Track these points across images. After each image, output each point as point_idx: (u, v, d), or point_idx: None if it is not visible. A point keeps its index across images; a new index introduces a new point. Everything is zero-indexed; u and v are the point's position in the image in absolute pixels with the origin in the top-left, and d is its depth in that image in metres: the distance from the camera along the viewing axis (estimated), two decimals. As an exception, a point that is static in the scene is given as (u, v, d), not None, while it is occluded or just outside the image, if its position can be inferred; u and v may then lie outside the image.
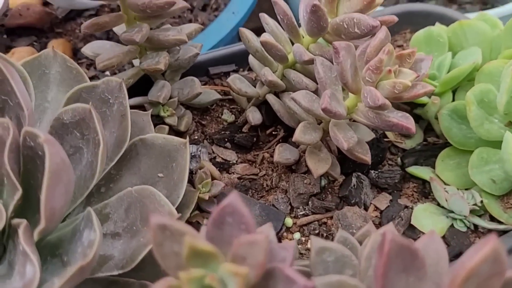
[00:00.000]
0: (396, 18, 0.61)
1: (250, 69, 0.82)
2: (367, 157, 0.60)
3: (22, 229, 0.42)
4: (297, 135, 0.59)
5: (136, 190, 0.53)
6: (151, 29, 0.65)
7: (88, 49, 0.70)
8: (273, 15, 0.65)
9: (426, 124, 0.75)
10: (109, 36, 0.98)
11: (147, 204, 0.52)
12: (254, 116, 0.69)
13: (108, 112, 0.59)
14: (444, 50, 0.74)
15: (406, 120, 0.53)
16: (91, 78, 0.90)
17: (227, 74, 0.81)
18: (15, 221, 0.43)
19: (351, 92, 0.56)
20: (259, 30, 0.67)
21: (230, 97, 0.77)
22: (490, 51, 0.72)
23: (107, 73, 0.90)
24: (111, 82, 0.58)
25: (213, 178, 0.64)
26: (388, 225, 0.46)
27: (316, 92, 0.63)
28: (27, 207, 0.46)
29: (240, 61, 0.82)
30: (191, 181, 0.64)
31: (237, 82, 0.69)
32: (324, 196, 0.66)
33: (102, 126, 0.57)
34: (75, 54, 0.94)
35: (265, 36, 0.62)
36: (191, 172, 0.66)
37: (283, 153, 0.65)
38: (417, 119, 0.76)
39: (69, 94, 0.58)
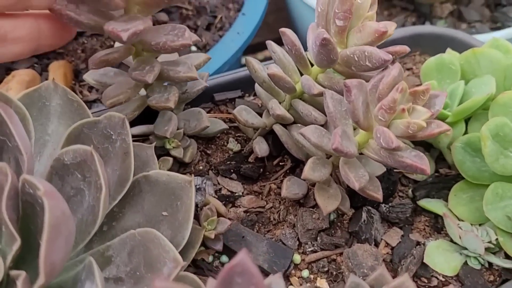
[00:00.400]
0: (407, 49, 0.59)
1: (255, 94, 0.79)
2: (378, 194, 0.58)
3: (21, 282, 0.40)
4: (306, 173, 0.57)
5: (139, 233, 0.51)
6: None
7: (90, 77, 0.68)
8: (279, 27, 0.63)
9: (437, 153, 0.73)
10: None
11: (151, 248, 0.50)
12: (261, 148, 0.67)
13: (110, 148, 0.57)
14: (456, 78, 0.72)
15: (420, 161, 0.51)
16: (93, 101, 0.88)
17: (232, 100, 0.79)
18: (14, 272, 0.42)
19: (363, 129, 0.54)
20: (263, 45, 0.66)
21: (236, 124, 0.75)
22: (504, 79, 0.70)
23: (110, 96, 0.88)
24: (113, 117, 0.56)
25: (219, 214, 0.62)
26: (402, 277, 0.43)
27: (325, 125, 0.61)
28: (27, 253, 0.44)
29: (245, 86, 0.80)
30: (196, 216, 0.62)
31: (244, 113, 0.67)
32: (333, 231, 0.64)
33: (104, 163, 0.56)
34: (77, 75, 0.92)
35: (272, 69, 0.60)
36: (196, 206, 0.64)
37: (291, 188, 0.63)
38: (428, 147, 0.74)
39: (70, 129, 0.57)
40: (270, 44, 0.65)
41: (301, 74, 0.64)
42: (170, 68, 0.62)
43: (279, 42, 0.64)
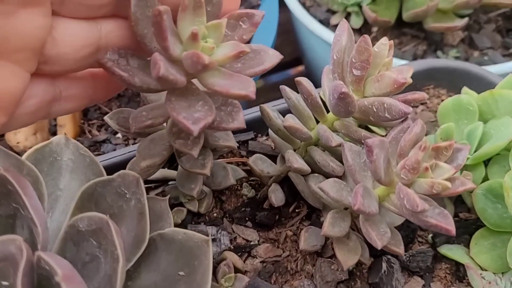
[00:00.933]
0: (426, 96, 0.58)
1: (268, 134, 0.78)
2: (400, 249, 0.57)
3: None
4: (326, 229, 0.55)
5: (157, 300, 0.49)
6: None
7: (113, 120, 0.64)
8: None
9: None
10: (133, 93, 0.93)
11: (170, 316, 0.49)
12: (277, 197, 0.66)
13: (125, 207, 0.55)
14: (474, 119, 0.71)
15: (445, 221, 0.50)
16: (103, 142, 0.87)
17: (245, 142, 0.78)
18: None
19: (384, 185, 0.53)
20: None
21: (249, 168, 0.74)
22: (523, 120, 0.69)
23: (119, 135, 0.87)
24: (127, 176, 0.55)
25: (236, 269, 0.61)
26: None
27: (343, 176, 0.60)
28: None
29: (258, 127, 0.78)
30: (212, 270, 0.60)
31: (259, 163, 0.65)
32: (353, 283, 0.63)
33: (119, 222, 0.55)
34: (85, 114, 0.91)
35: (288, 120, 0.59)
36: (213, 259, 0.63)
37: (309, 240, 0.61)
38: (446, 188, 0.73)
39: (84, 188, 0.55)
40: (284, 90, 0.64)
41: (317, 121, 0.63)
42: (208, 133, 0.60)
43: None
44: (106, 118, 0.63)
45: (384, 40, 0.56)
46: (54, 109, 0.48)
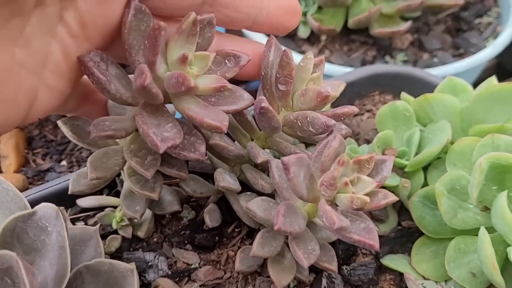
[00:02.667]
0: (356, 110, 0.56)
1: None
2: (332, 265, 0.55)
3: None
4: (255, 250, 0.54)
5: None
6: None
7: (67, 126, 0.61)
8: None
9: (400, 203, 0.71)
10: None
11: None
12: (212, 218, 0.64)
13: (47, 240, 0.54)
14: (411, 124, 0.70)
15: (368, 236, 0.48)
16: (47, 170, 0.85)
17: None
18: None
19: (309, 202, 0.52)
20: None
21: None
22: (461, 122, 0.68)
23: (64, 163, 0.85)
24: (47, 209, 0.53)
25: (171, 296, 0.59)
26: None
27: (276, 194, 0.59)
28: None
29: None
30: (147, 299, 0.59)
31: (191, 184, 0.64)
32: (293, 302, 0.61)
33: (41, 256, 0.54)
34: (30, 143, 0.89)
35: (214, 139, 0.58)
36: (149, 284, 0.61)
37: (244, 260, 0.60)
38: (391, 196, 0.72)
39: (4, 224, 0.53)
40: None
41: (252, 138, 0.62)
42: (165, 159, 0.58)
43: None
44: (59, 122, 0.60)
45: (309, 55, 0.55)
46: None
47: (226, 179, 0.59)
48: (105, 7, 0.45)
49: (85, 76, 0.50)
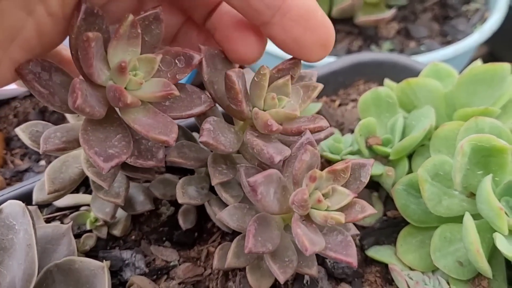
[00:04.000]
0: (325, 126, 0.49)
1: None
2: (312, 270, 0.52)
3: None
4: (230, 261, 0.51)
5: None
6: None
7: (25, 134, 0.59)
8: None
9: (386, 193, 0.68)
10: (44, 115, 0.90)
11: None
12: (186, 219, 0.62)
13: (15, 239, 0.52)
14: (394, 111, 0.68)
15: (345, 252, 0.45)
16: (25, 171, 0.83)
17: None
18: None
19: (283, 213, 0.48)
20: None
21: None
22: (445, 107, 0.66)
23: (42, 162, 0.83)
24: (14, 206, 0.52)
25: (146, 294, 0.57)
26: None
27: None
28: None
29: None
30: (123, 298, 0.57)
31: (160, 187, 0.62)
32: (276, 296, 0.59)
33: (10, 256, 0.52)
34: (8, 143, 0.87)
35: (171, 155, 0.54)
36: (125, 283, 0.59)
37: (223, 258, 0.57)
38: (377, 187, 0.69)
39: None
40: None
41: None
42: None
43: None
44: (17, 130, 0.59)
45: (263, 70, 0.47)
46: None
47: (187, 194, 0.56)
48: None
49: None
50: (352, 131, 0.78)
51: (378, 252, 0.61)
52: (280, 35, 0.46)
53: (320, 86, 0.49)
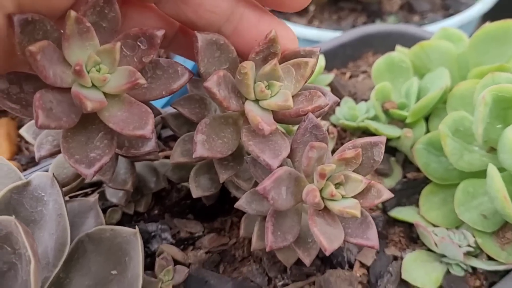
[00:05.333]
0: (324, 104, 0.45)
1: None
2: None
3: None
4: (255, 244, 0.52)
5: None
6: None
7: (29, 134, 0.61)
8: None
9: (403, 156, 0.69)
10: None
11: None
12: (198, 186, 0.56)
13: (44, 211, 0.52)
14: (409, 75, 0.69)
15: (366, 236, 0.45)
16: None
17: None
18: None
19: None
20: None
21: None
22: (458, 69, 0.67)
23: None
24: (41, 178, 0.52)
25: (176, 262, 0.57)
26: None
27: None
28: None
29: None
30: (152, 267, 0.57)
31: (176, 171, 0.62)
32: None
33: (40, 227, 0.52)
34: (21, 131, 0.88)
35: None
36: (153, 255, 0.60)
37: (249, 227, 0.57)
38: (394, 152, 0.70)
39: (-1, 198, 0.52)
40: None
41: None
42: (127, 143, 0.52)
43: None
44: (21, 131, 0.60)
45: (243, 69, 0.43)
46: None
47: (200, 186, 0.56)
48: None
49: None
50: (365, 101, 0.78)
51: (400, 213, 0.62)
52: None
53: (312, 61, 0.45)
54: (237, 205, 0.50)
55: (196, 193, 0.54)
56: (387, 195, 0.44)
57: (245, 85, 0.43)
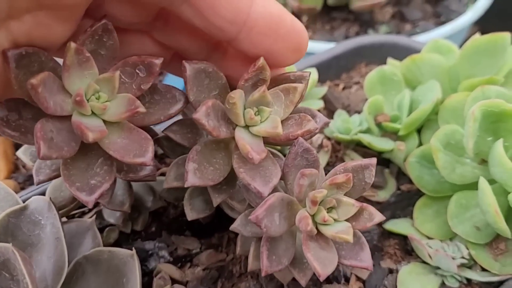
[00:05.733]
0: (313, 128, 0.45)
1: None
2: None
3: None
4: (251, 265, 0.51)
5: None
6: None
7: (26, 156, 0.62)
8: None
9: (397, 169, 0.70)
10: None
11: None
12: (192, 209, 0.57)
13: (42, 234, 0.53)
14: (400, 88, 0.70)
15: (359, 257, 0.46)
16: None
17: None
18: None
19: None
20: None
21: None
22: (449, 81, 0.68)
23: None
24: (39, 201, 0.52)
25: (174, 280, 0.58)
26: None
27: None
28: None
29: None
30: (150, 286, 0.58)
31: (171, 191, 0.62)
32: (299, 276, 0.60)
33: (38, 251, 0.53)
34: (18, 149, 0.88)
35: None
36: (151, 273, 0.60)
37: (245, 244, 0.58)
38: (388, 163, 0.71)
39: (-4, 222, 0.52)
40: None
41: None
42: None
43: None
44: (18, 153, 0.61)
45: (231, 99, 0.43)
46: None
47: (194, 209, 0.56)
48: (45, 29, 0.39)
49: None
50: (358, 113, 0.79)
51: (395, 225, 0.63)
52: (251, 49, 0.43)
53: (301, 87, 0.45)
54: (232, 227, 0.50)
55: (191, 215, 0.55)
56: (379, 217, 0.44)
57: (234, 113, 0.44)
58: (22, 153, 0.63)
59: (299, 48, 0.45)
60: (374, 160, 0.46)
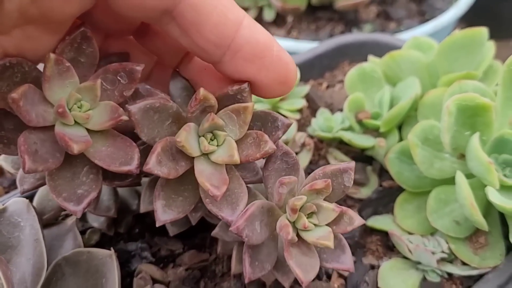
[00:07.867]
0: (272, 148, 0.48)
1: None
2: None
3: None
4: (235, 269, 0.52)
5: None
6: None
7: (7, 163, 0.62)
8: None
9: (379, 165, 0.70)
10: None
11: None
12: (174, 225, 0.58)
13: (21, 236, 0.53)
14: (381, 85, 0.70)
15: (340, 259, 0.46)
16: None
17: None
18: None
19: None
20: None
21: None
22: (429, 77, 0.68)
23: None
24: (18, 203, 0.53)
25: (155, 280, 0.58)
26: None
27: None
28: None
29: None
30: (132, 287, 0.58)
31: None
32: (280, 274, 0.60)
33: (18, 253, 0.53)
34: (4, 154, 0.88)
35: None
36: (133, 274, 0.60)
37: (226, 245, 0.58)
38: (370, 161, 0.71)
39: (-26, 226, 0.53)
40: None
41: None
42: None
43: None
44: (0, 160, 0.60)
45: (179, 143, 0.41)
46: None
47: (175, 225, 0.57)
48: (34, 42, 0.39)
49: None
50: (341, 111, 0.79)
51: (377, 221, 0.63)
52: (234, 74, 0.43)
53: (250, 105, 0.43)
54: (214, 233, 0.51)
55: (172, 231, 0.55)
56: (359, 221, 0.45)
57: (187, 152, 0.42)
58: (3, 161, 0.62)
59: (285, 81, 0.43)
60: (352, 164, 0.46)
